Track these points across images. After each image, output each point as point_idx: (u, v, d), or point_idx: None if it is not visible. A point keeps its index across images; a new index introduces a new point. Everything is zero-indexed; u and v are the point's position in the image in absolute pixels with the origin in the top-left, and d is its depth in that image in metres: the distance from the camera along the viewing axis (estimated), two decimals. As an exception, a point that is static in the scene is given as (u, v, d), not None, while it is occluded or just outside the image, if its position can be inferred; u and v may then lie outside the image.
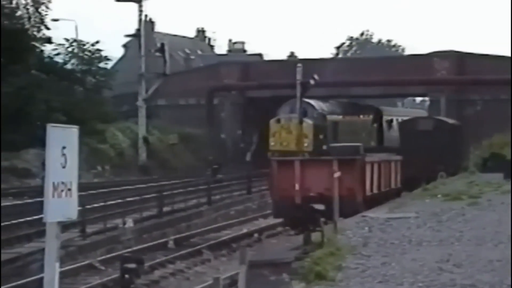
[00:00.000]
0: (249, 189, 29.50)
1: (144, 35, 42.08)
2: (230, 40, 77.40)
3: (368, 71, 43.70)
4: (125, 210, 21.34)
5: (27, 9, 38.07)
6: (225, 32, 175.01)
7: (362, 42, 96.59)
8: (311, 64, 40.08)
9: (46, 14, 38.46)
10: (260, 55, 68.29)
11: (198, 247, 17.22)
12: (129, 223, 19.85)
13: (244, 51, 73.62)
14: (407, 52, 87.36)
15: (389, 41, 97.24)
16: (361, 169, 18.59)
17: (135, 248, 16.69)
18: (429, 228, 13.05)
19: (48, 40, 39.66)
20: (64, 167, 8.54)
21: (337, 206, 14.10)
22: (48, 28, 38.95)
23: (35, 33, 38.40)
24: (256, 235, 19.67)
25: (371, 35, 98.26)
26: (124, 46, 63.88)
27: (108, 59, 46.33)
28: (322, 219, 14.13)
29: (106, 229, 19.28)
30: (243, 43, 75.59)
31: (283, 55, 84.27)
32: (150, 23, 57.99)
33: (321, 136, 37.81)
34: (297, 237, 15.71)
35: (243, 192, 29.51)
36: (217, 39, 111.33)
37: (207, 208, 24.74)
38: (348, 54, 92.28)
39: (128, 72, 48.28)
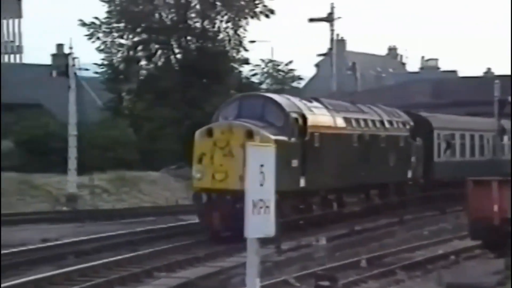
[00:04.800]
0: (443, 209, 28.70)
1: (336, 54, 42.44)
2: (422, 57, 76.11)
3: None
4: (319, 227, 21.66)
5: (227, 32, 39.86)
6: (417, 49, 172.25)
7: None
8: (509, 80, 38.38)
9: (244, 36, 40.08)
10: (454, 71, 66.48)
11: (391, 267, 17.01)
12: (322, 240, 20.06)
13: (437, 68, 72.03)
14: None
15: None
16: None
17: (328, 266, 16.81)
18: None
19: (246, 61, 41.28)
20: (262, 185, 8.85)
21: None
22: (246, 50, 40.56)
23: (234, 54, 40.14)
24: (452, 257, 19.07)
25: None
26: (316, 65, 64.86)
27: (301, 78, 47.40)
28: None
29: (300, 246, 19.63)
30: (436, 60, 74.01)
31: (479, 71, 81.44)
32: (342, 42, 58.44)
33: (294, 162, 20.25)
34: (498, 260, 15.04)
35: (436, 212, 28.78)
36: (409, 57, 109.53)
37: (399, 228, 24.42)
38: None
39: (319, 91, 48.94)
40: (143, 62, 39.98)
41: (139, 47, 39.32)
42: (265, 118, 20.43)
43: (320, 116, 22.20)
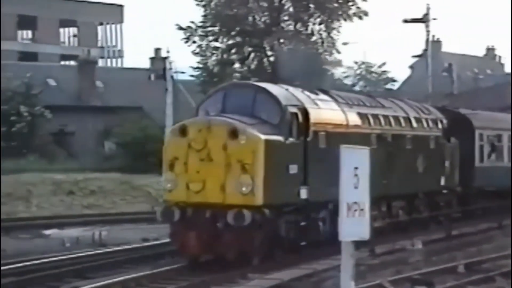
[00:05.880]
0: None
1: (431, 55, 41.80)
2: (522, 57, 73.94)
3: None
4: (413, 231, 21.40)
5: (320, 34, 39.92)
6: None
7: None
8: None
9: (337, 38, 40.03)
10: (555, 71, 64.24)
11: (491, 273, 16.62)
12: (418, 244, 19.80)
13: (538, 68, 69.81)
14: None
15: None
16: None
17: (424, 270, 16.59)
18: None
19: (339, 63, 41.23)
20: (356, 187, 8.90)
21: None
22: (339, 52, 40.50)
23: (327, 57, 40.15)
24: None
25: None
26: (411, 67, 64.02)
27: (394, 81, 46.98)
28: None
29: (395, 249, 19.44)
30: (536, 59, 71.77)
31: None
32: (437, 43, 57.49)
33: (292, 168, 16.11)
34: None
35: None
36: (508, 57, 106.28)
37: (498, 233, 23.84)
38: None
39: (413, 93, 48.33)
40: (236, 65, 40.53)
41: (233, 50, 39.87)
42: (257, 113, 16.32)
43: (327, 111, 17.98)
